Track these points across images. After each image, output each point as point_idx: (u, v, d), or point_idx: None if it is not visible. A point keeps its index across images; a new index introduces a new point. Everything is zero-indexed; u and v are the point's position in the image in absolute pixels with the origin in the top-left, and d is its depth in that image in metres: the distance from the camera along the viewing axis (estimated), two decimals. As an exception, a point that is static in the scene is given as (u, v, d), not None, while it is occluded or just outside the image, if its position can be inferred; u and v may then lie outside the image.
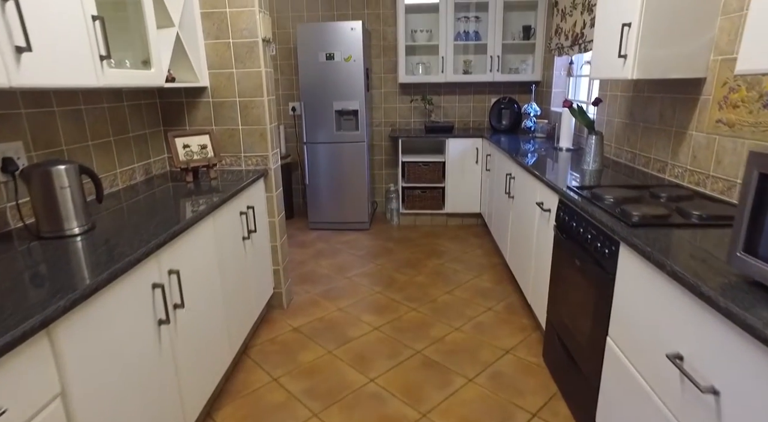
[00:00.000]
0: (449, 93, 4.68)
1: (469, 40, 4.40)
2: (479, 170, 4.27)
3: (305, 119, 4.22)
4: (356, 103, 4.13)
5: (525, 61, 4.46)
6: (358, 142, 4.23)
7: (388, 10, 4.50)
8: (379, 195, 5.03)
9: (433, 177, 4.38)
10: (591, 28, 2.98)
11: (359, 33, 3.95)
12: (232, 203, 2.15)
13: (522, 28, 4.33)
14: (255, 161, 2.65)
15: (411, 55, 4.57)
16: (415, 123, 4.79)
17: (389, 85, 4.70)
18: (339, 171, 4.33)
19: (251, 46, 2.46)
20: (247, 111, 2.56)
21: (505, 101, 4.35)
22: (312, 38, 4.01)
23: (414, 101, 4.70)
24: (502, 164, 3.36)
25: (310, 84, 4.13)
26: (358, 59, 4.01)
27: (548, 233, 2.23)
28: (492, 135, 4.11)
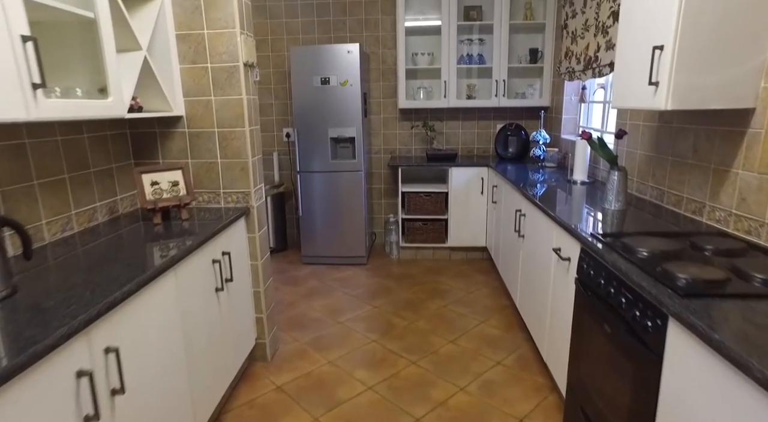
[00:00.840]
0: (452, 119, 4.43)
1: (472, 63, 4.17)
2: (485, 201, 3.98)
3: (299, 147, 3.96)
4: (353, 130, 3.88)
5: (532, 86, 4.22)
6: (354, 171, 3.96)
7: (388, 33, 4.29)
8: (378, 226, 4.74)
9: (435, 208, 4.09)
10: (607, 51, 2.73)
11: (356, 56, 3.73)
12: (202, 251, 1.86)
13: (529, 51, 4.10)
14: (235, 198, 2.37)
15: (412, 79, 4.34)
16: (416, 150, 4.53)
17: (389, 110, 4.46)
18: (334, 202, 4.05)
19: (231, 71, 2.20)
20: (227, 143, 2.29)
21: (512, 128, 4.09)
22: (306, 62, 3.78)
23: (415, 127, 4.45)
24: (511, 197, 3.08)
25: (303, 110, 3.89)
26: (355, 84, 3.78)
27: (568, 286, 1.93)
28: (498, 164, 3.84)
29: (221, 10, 2.13)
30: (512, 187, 3.00)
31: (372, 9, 4.25)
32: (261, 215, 2.48)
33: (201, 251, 1.85)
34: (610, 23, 2.69)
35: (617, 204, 2.16)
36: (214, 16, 2.15)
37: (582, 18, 3.16)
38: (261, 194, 2.49)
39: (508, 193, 3.17)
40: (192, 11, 2.15)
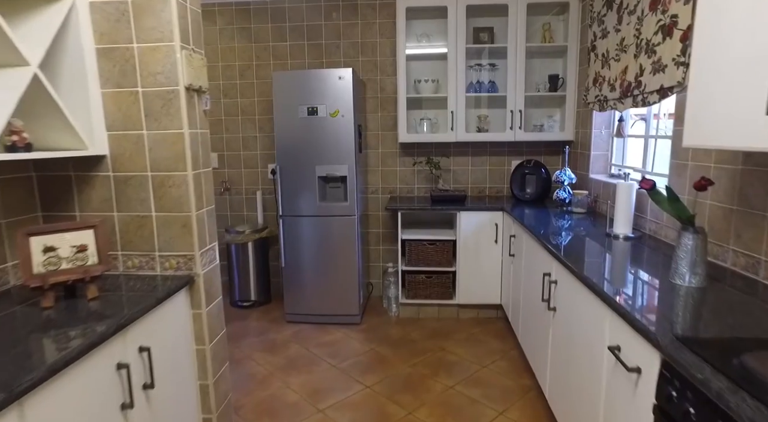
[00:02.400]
0: (460, 154, 3.88)
1: (483, 91, 3.65)
2: (499, 251, 3.37)
3: (281, 187, 3.41)
4: (344, 168, 3.32)
5: (552, 117, 3.68)
6: (346, 215, 3.38)
7: (387, 58, 3.80)
8: (375, 275, 4.12)
9: (440, 259, 3.48)
10: (654, 74, 2.18)
11: (349, 83, 3.21)
12: (96, 354, 1.26)
13: (548, 78, 3.58)
14: (175, 263, 1.78)
15: (414, 108, 3.82)
16: (418, 190, 3.96)
17: (388, 144, 3.92)
18: (323, 252, 3.45)
19: (169, 97, 1.66)
20: (164, 191, 1.73)
21: (530, 165, 3.52)
22: (290, 89, 3.27)
23: (417, 164, 3.90)
24: (535, 254, 2.47)
25: (287, 144, 3.35)
26: (348, 114, 3.25)
27: (638, 411, 1.29)
28: (514, 207, 3.25)
29: (155, 17, 1.61)
30: (536, 240, 2.40)
31: (369, 32, 3.78)
32: (212, 283, 1.89)
33: (94, 356, 1.25)
34: (658, 40, 2.14)
35: (694, 279, 1.55)
36: (146, 26, 1.62)
37: (616, 37, 2.63)
38: (213, 255, 1.91)
39: (530, 247, 2.57)
40: (117, 19, 1.62)
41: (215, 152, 4.07)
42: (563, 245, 2.17)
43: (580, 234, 2.40)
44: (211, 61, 3.93)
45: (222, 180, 4.11)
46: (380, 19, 3.75)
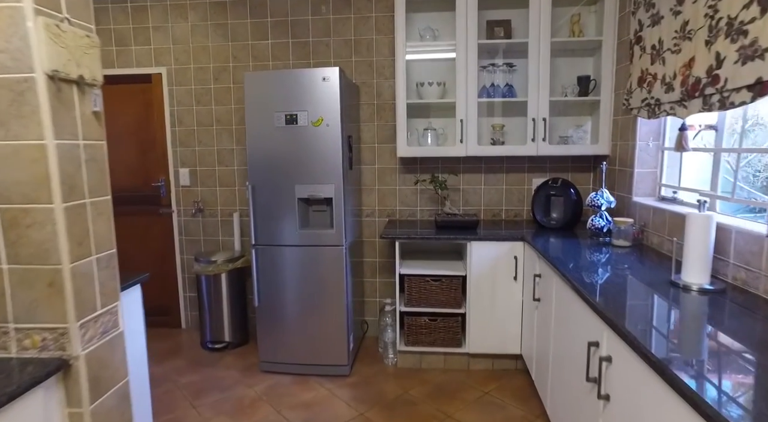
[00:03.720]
0: (471, 171, 3.27)
1: (499, 96, 3.06)
2: (519, 289, 2.74)
3: (254, 211, 2.82)
4: (330, 188, 2.73)
5: (581, 127, 3.06)
6: (333, 245, 2.78)
7: (384, 58, 3.23)
8: (370, 312, 3.50)
9: (447, 299, 2.86)
10: (743, 64, 1.56)
11: (335, 85, 2.64)
12: None
13: (577, 80, 2.97)
14: (40, 339, 1.19)
15: (416, 117, 3.23)
16: (422, 213, 3.35)
17: (386, 159, 3.33)
18: (305, 289, 2.85)
19: (20, 90, 1.09)
20: (18, 232, 1.15)
21: (556, 185, 2.90)
22: (265, 92, 2.71)
23: (420, 183, 3.30)
24: (570, 307, 1.83)
25: (261, 159, 2.78)
26: (334, 123, 2.67)
27: None
28: (537, 236, 2.63)
29: (-5, -34, 1.04)
30: (572, 289, 1.76)
31: (363, 27, 3.21)
32: (106, 366, 1.29)
33: None
34: (751, 15, 1.53)
35: None
36: (-18, -20, 1.06)
37: (674, 22, 2.02)
38: (109, 325, 1.31)
39: (564, 295, 1.94)
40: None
41: (186, 168, 3.52)
42: (614, 299, 1.53)
43: (632, 280, 1.76)
44: (183, 63, 3.40)
45: (194, 200, 3.54)
46: (377, 13, 3.19)
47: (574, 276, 1.81)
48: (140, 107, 3.50)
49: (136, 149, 3.55)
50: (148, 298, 3.80)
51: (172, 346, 3.42)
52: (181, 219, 3.58)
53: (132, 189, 3.60)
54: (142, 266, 3.68)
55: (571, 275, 1.82)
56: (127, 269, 3.82)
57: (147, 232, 3.64)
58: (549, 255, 2.17)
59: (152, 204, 3.60)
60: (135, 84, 3.47)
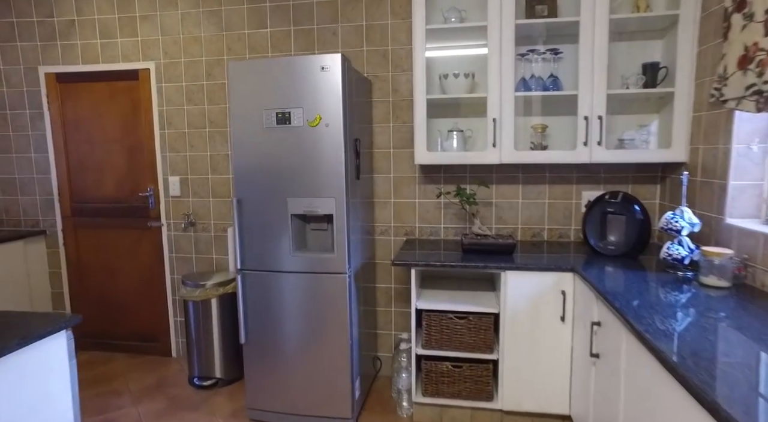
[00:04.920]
0: (506, 181, 2.70)
1: (541, 89, 2.48)
2: (568, 333, 2.15)
3: (240, 229, 2.35)
4: (330, 203, 2.22)
5: (645, 127, 2.45)
6: (334, 272, 2.27)
7: (402, 47, 2.71)
8: (384, 347, 2.97)
9: (475, 341, 2.29)
10: None
11: (336, 75, 2.14)
12: None
13: (642, 68, 2.37)
14: None
15: (439, 116, 2.70)
16: (446, 231, 2.80)
17: (402, 166, 2.80)
18: (300, 324, 2.35)
19: None
20: None
21: (616, 200, 2.29)
22: (251, 86, 2.23)
23: (444, 195, 2.75)
24: (650, 380, 1.24)
25: (248, 168, 2.30)
26: (335, 122, 2.17)
27: None
28: (590, 265, 2.04)
29: None
30: (653, 356, 1.18)
31: (377, 11, 2.71)
32: None
33: None
34: None
35: None
36: None
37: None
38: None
39: (639, 360, 1.35)
40: None
41: (176, 176, 3.09)
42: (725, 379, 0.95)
43: (748, 345, 1.16)
44: (172, 56, 2.98)
45: (185, 212, 3.11)
46: (393, -7, 2.68)
47: (659, 339, 1.22)
48: (126, 107, 3.10)
49: (122, 155, 3.15)
50: (135, 322, 3.44)
51: (155, 380, 2.97)
52: (171, 234, 3.15)
53: (118, 200, 3.20)
54: (130, 286, 3.28)
55: (653, 338, 1.23)
56: (113, 288, 3.46)
57: (135, 247, 3.23)
58: (612, 297, 1.59)
59: (140, 216, 3.18)
60: (120, 81, 3.07)
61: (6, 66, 3.25)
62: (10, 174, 3.34)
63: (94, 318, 3.36)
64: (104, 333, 3.37)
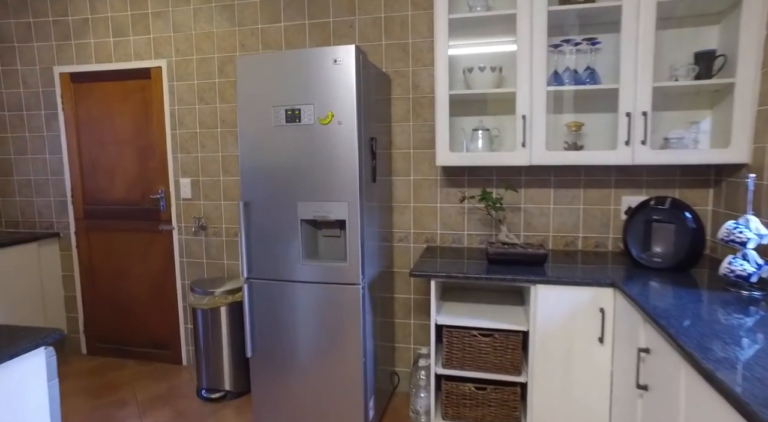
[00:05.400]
0: (537, 185, 2.47)
1: (575, 83, 2.24)
2: (607, 356, 1.90)
3: (247, 235, 2.19)
4: (342, 208, 2.04)
5: (696, 124, 2.19)
6: (346, 283, 2.09)
7: (423, 40, 2.52)
8: (403, 361, 2.77)
9: (501, 361, 2.07)
10: None
11: (349, 69, 1.96)
12: None
13: (694, 58, 2.11)
14: None
15: (463, 113, 2.49)
16: (470, 238, 2.58)
17: (424, 168, 2.60)
18: (310, 338, 2.17)
19: None
20: None
21: (663, 207, 2.03)
22: (260, 82, 2.08)
23: (468, 200, 2.54)
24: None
25: (256, 169, 2.14)
26: (349, 120, 1.99)
27: None
28: (633, 280, 1.79)
29: None
30: (727, 402, 0.95)
31: (396, 1, 2.53)
32: None
33: None
34: None
35: None
36: None
37: None
38: None
39: (702, 398, 1.11)
40: None
41: (188, 178, 2.97)
42: None
43: None
44: (184, 53, 2.87)
45: (196, 216, 2.99)
46: (414, -18, 2.50)
47: (732, 379, 0.99)
48: (138, 107, 3.00)
49: (134, 156, 3.06)
50: (147, 328, 3.34)
51: (164, 390, 2.85)
52: (182, 238, 3.04)
53: (130, 202, 3.11)
54: (141, 291, 3.18)
55: (726, 379, 1.00)
56: (125, 293, 3.37)
57: (146, 251, 3.13)
58: (666, 321, 1.35)
59: (151, 219, 3.08)
60: (132, 80, 2.98)
61: (23, 66, 3.21)
62: (26, 175, 3.30)
63: (107, 323, 3.28)
64: (116, 338, 3.28)
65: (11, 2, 3.16)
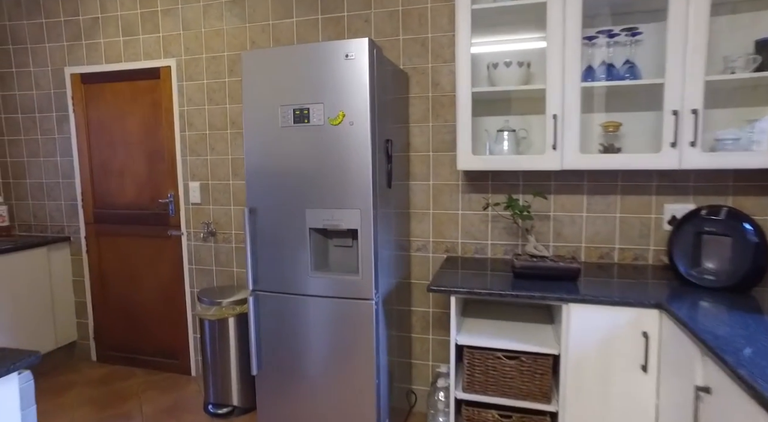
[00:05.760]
0: (568, 191, 2.25)
1: (613, 78, 2.02)
2: (651, 386, 1.68)
3: (252, 243, 2.04)
4: (354, 216, 1.87)
5: (755, 123, 1.93)
6: (357, 298, 1.91)
7: (442, 33, 2.33)
8: (420, 379, 2.58)
9: (529, 387, 1.86)
10: None
11: (362, 64, 1.79)
12: None
13: (754, 46, 1.87)
14: None
15: (487, 113, 2.29)
16: (495, 248, 2.38)
17: (444, 172, 2.41)
18: (319, 356, 2.01)
19: None
20: None
21: (718, 217, 1.80)
22: (266, 79, 1.93)
23: (492, 207, 2.34)
24: None
25: (262, 173, 1.99)
26: (361, 120, 1.82)
27: None
28: (681, 300, 1.57)
29: None
30: None
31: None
32: None
33: None
34: None
35: None
36: None
37: None
38: None
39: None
40: None
41: (197, 181, 2.85)
42: None
43: None
44: (193, 52, 2.75)
45: (205, 221, 2.87)
46: (434, -29, 2.31)
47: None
48: (148, 108, 2.90)
49: (143, 159, 2.96)
50: (155, 337, 3.24)
51: (170, 403, 2.73)
52: (191, 244, 2.92)
53: (139, 206, 3.01)
54: (150, 298, 3.08)
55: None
56: (134, 300, 3.27)
57: (156, 257, 3.02)
58: (734, 358, 1.13)
59: (160, 224, 2.97)
60: (142, 80, 2.88)
61: (36, 68, 3.15)
62: (38, 178, 3.24)
63: (117, 330, 3.19)
64: (126, 346, 3.18)
65: (24, 3, 3.10)
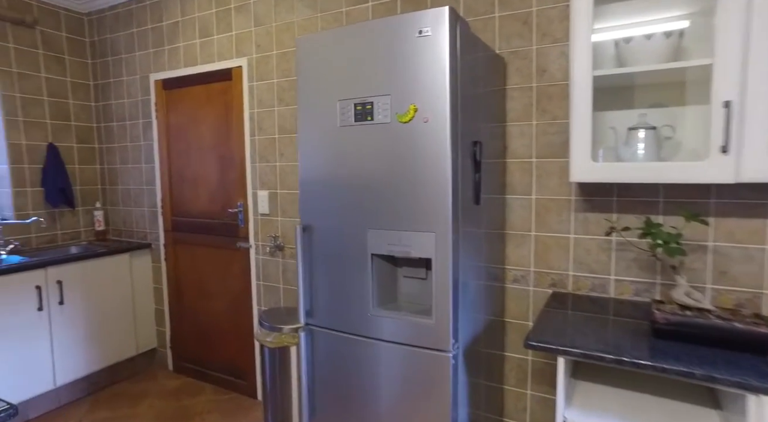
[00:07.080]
0: (738, 213, 1.59)
1: (827, 49, 1.34)
2: None
3: (303, 269, 1.69)
4: (428, 240, 1.43)
5: None
6: (431, 349, 1.47)
7: (551, 5, 1.80)
8: (513, 445, 2.04)
9: None
10: None
11: (442, 42, 1.35)
12: None
13: None
14: None
15: (611, 107, 1.72)
16: (618, 284, 1.78)
17: (551, 184, 1.87)
18: (382, 410, 1.59)
19: None
20: None
21: None
22: (322, 68, 1.57)
23: (618, 232, 1.74)
24: None
25: (315, 183, 1.64)
26: (439, 116, 1.38)
27: None
28: None
29: None
30: None
31: (518, -45, 1.85)
32: None
33: None
34: None
35: None
36: None
37: None
38: None
39: None
40: None
41: (266, 190, 2.61)
42: None
43: None
44: (264, 49, 2.52)
45: (272, 234, 2.61)
46: (543, -75, 1.80)
47: None
48: (220, 111, 2.74)
49: (215, 165, 2.81)
50: (225, 353, 3.04)
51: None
52: (259, 258, 2.69)
53: (211, 215, 2.87)
54: (220, 312, 2.91)
55: None
56: (206, 312, 3.09)
57: (226, 269, 2.85)
58: None
59: (230, 235, 2.79)
60: (215, 83, 2.72)
61: (128, 77, 3.17)
62: (127, 185, 3.27)
63: (190, 342, 3.08)
64: (198, 359, 3.06)
65: (121, 15, 3.14)
